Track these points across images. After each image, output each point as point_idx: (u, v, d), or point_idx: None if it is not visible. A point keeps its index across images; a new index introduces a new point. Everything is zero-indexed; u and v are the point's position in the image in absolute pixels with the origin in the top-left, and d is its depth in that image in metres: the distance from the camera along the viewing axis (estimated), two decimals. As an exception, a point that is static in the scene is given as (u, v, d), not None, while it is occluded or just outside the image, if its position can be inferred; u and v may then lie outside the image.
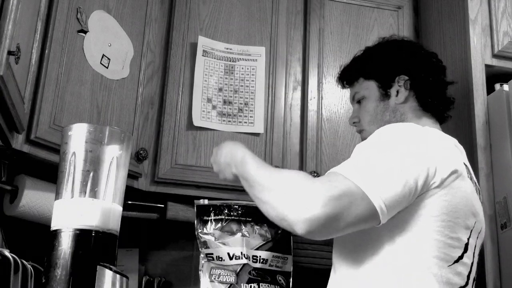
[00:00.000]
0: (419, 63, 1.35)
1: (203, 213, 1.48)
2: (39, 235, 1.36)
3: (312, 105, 1.93)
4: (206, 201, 1.50)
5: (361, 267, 1.10)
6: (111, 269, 0.93)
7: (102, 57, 1.61)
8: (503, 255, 1.55)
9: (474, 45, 1.73)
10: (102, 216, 0.95)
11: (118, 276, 0.93)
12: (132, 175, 1.66)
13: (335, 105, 1.95)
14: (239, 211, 1.47)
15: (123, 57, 1.68)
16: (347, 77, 1.45)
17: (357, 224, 1.01)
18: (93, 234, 0.94)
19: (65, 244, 0.93)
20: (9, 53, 1.05)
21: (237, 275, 1.41)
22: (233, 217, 1.46)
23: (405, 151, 1.07)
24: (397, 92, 1.32)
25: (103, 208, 0.96)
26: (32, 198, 1.50)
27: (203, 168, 1.76)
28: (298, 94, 1.95)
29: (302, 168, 1.85)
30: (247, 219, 1.47)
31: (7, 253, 1.10)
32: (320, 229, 0.97)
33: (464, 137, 1.70)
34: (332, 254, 1.22)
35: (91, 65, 1.57)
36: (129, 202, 1.75)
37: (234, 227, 1.45)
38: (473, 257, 1.14)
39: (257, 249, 1.44)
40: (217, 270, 1.42)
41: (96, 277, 0.91)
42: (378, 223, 1.02)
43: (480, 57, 1.73)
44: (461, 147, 1.22)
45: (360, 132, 1.39)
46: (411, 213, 1.06)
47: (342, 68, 1.49)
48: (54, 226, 0.96)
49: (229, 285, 1.40)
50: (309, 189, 0.99)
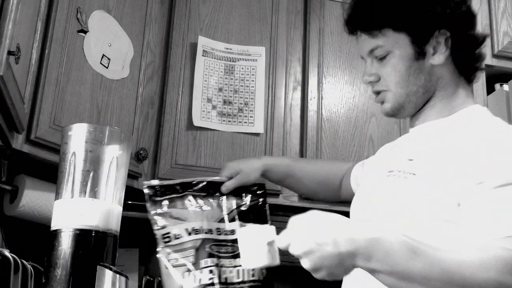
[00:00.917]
0: (463, 15, 1.10)
1: (155, 194, 1.32)
2: (39, 235, 1.36)
3: (312, 105, 1.93)
4: (157, 181, 1.34)
5: None
6: (111, 269, 0.93)
7: (102, 57, 1.61)
8: None
9: (474, 45, 1.73)
10: (102, 216, 0.95)
11: (118, 276, 0.93)
12: (132, 175, 1.66)
13: (335, 105, 1.95)
14: (195, 187, 1.36)
15: (123, 57, 1.68)
16: (367, 24, 1.11)
17: None
18: (93, 234, 0.94)
19: (65, 244, 0.93)
20: (9, 53, 1.05)
21: (197, 251, 1.33)
22: (188, 193, 1.34)
23: None
24: (434, 50, 1.07)
25: (103, 208, 0.96)
26: (32, 198, 1.50)
27: (203, 168, 1.76)
28: (298, 94, 1.95)
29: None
30: (204, 193, 1.35)
31: (7, 253, 1.11)
32: None
33: (464, 137, 1.70)
34: None
35: (91, 65, 1.57)
36: (129, 202, 1.75)
37: (191, 202, 1.34)
38: None
39: (220, 221, 1.34)
40: (173, 255, 1.31)
41: (96, 277, 0.91)
42: None
43: (480, 57, 1.73)
44: None
45: (378, 93, 1.13)
46: None
47: (355, 7, 1.14)
48: (54, 226, 0.96)
49: (186, 269, 1.25)
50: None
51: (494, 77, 1.73)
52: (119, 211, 0.99)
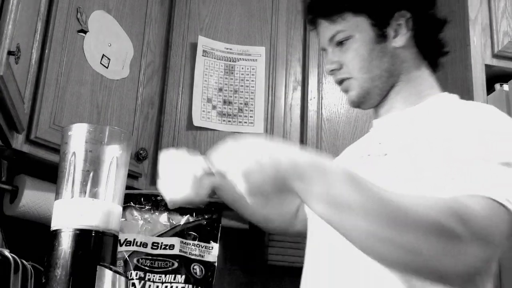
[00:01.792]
0: None
1: None
2: (39, 235, 1.36)
3: (312, 105, 1.93)
4: None
5: None
6: (111, 269, 0.93)
7: (102, 57, 1.61)
8: (503, 255, 1.55)
9: (474, 45, 1.73)
10: (102, 216, 0.95)
11: (118, 276, 0.93)
12: (132, 175, 1.66)
13: (335, 105, 1.95)
14: (139, 199, 1.37)
15: (123, 57, 1.68)
16: (326, 9, 1.08)
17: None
18: (93, 234, 0.94)
19: (65, 244, 0.92)
20: (9, 53, 1.05)
21: (125, 262, 1.33)
22: (131, 205, 1.35)
23: None
24: (396, 33, 1.05)
25: (103, 208, 0.96)
26: (32, 198, 1.50)
27: (203, 168, 1.76)
28: (298, 94, 1.95)
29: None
30: (147, 207, 1.35)
31: (7, 253, 1.10)
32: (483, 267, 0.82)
33: (464, 137, 1.70)
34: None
35: (91, 65, 1.57)
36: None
37: (132, 214, 1.34)
38: None
39: (160, 235, 1.33)
40: None
41: (96, 277, 0.91)
42: None
43: (480, 57, 1.73)
44: None
45: (342, 82, 1.09)
46: None
47: None
48: (54, 226, 0.96)
49: None
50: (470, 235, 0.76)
51: (494, 77, 1.73)
52: (119, 211, 0.99)
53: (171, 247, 1.32)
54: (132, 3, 1.74)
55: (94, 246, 0.94)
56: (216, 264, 1.39)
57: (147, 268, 1.29)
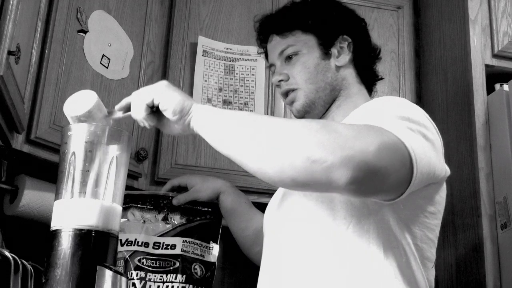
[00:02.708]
0: (360, 27, 1.26)
1: None
2: (39, 235, 1.36)
3: (312, 105, 1.93)
4: None
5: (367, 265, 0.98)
6: (111, 269, 0.93)
7: (102, 57, 1.61)
8: (503, 255, 1.55)
9: (474, 45, 1.73)
10: (102, 216, 0.95)
11: (118, 276, 0.93)
12: (132, 175, 1.66)
13: (335, 105, 1.95)
14: (141, 200, 1.38)
15: (123, 57, 1.68)
16: (279, 26, 1.24)
17: (388, 192, 0.90)
18: (93, 234, 0.94)
19: (65, 244, 0.92)
20: (9, 53, 1.05)
21: (126, 262, 1.31)
22: (133, 205, 1.37)
23: (436, 132, 0.99)
24: (339, 53, 1.20)
25: (103, 208, 0.96)
26: (32, 198, 1.50)
27: (203, 168, 1.76)
28: (298, 94, 1.95)
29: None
30: (149, 207, 1.37)
31: (7, 253, 1.11)
32: (366, 181, 0.81)
33: (464, 137, 1.70)
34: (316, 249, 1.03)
35: (91, 65, 1.57)
36: (129, 202, 1.75)
37: (134, 215, 1.36)
38: None
39: (162, 235, 1.34)
40: None
41: (96, 277, 0.91)
42: (397, 197, 0.91)
43: (480, 57, 1.73)
44: None
45: (288, 93, 1.21)
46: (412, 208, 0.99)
47: (267, 15, 1.29)
48: (54, 226, 0.96)
49: None
50: (357, 130, 0.85)
51: (494, 77, 1.73)
52: (119, 211, 0.99)
53: (172, 247, 1.33)
54: (132, 3, 1.74)
55: (94, 246, 0.94)
56: (217, 264, 1.39)
57: (147, 268, 1.29)
